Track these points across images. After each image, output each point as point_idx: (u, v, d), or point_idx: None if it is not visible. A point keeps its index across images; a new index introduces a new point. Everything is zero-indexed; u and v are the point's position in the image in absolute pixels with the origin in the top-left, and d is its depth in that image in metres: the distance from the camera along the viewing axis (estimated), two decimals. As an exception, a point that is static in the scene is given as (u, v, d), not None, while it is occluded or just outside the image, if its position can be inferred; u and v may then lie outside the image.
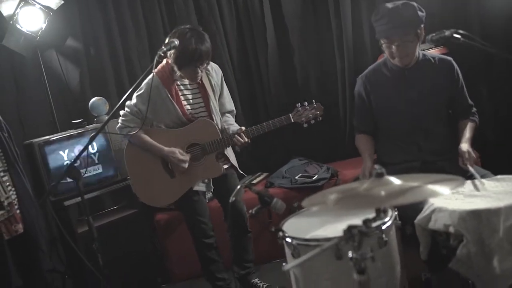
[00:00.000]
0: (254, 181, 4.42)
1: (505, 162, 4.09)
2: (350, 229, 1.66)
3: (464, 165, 2.81)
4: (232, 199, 2.26)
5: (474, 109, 3.09)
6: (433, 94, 3.00)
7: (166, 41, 3.02)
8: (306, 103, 3.33)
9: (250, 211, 2.25)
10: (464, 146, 2.86)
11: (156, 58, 2.76)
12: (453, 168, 2.85)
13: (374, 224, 1.82)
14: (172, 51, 3.05)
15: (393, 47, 2.88)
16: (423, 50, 3.87)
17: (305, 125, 3.34)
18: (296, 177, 4.18)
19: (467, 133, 2.95)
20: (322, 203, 1.83)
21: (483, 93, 4.52)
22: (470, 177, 2.75)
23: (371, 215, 1.74)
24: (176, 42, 2.91)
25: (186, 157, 3.25)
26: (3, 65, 4.24)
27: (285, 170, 4.32)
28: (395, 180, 1.79)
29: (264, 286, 3.46)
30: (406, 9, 2.85)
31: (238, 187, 2.26)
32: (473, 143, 3.93)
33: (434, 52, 3.76)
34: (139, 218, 3.74)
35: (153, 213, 4.08)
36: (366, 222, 1.73)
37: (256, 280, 3.49)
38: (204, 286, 3.52)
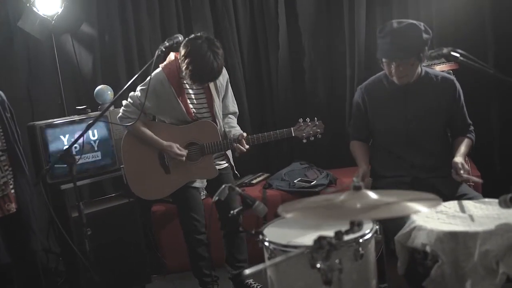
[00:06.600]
0: (254, 181, 4.41)
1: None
2: (320, 239, 1.67)
3: (457, 175, 2.75)
4: (215, 198, 2.28)
5: (472, 128, 3.04)
6: (432, 113, 2.94)
7: (182, 52, 3.05)
8: (308, 120, 3.37)
9: (231, 211, 2.27)
10: (458, 158, 2.81)
11: (157, 53, 2.79)
12: (444, 185, 2.84)
13: (348, 237, 1.83)
14: (182, 51, 3.06)
15: (392, 66, 2.82)
16: (434, 64, 3.85)
17: (304, 141, 3.38)
18: (295, 181, 4.18)
19: (462, 148, 2.90)
20: (295, 212, 1.85)
21: (491, 112, 4.47)
22: (460, 197, 2.73)
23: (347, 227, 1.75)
24: (180, 38, 2.92)
25: (184, 152, 3.25)
26: (18, 46, 4.33)
27: (285, 173, 4.32)
28: (372, 195, 1.80)
29: (258, 287, 3.44)
30: (411, 31, 2.76)
31: (222, 186, 2.27)
32: (477, 165, 3.91)
33: (442, 68, 3.72)
34: (136, 207, 3.77)
35: (150, 204, 4.12)
36: (338, 234, 1.74)
37: (250, 281, 3.45)
38: (194, 280, 3.53)
